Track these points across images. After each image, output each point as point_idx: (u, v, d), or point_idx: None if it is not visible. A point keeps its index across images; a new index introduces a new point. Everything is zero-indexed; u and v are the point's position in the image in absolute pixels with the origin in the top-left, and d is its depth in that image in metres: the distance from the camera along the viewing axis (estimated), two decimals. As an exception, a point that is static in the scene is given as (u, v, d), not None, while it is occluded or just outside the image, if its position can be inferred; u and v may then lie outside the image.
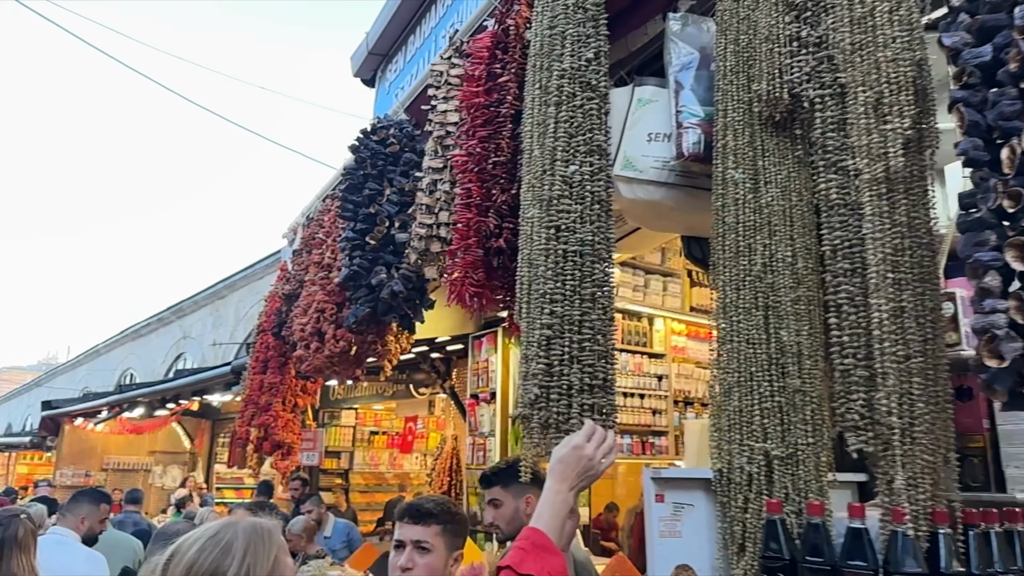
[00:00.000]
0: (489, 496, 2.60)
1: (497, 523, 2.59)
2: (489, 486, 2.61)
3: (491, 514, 2.60)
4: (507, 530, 2.60)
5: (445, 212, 2.76)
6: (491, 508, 2.61)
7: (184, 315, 20.27)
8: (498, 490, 2.59)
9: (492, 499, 2.60)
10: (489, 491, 2.60)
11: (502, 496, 2.59)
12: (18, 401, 36.66)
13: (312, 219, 4.52)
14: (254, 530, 1.31)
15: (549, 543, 1.53)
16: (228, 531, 1.29)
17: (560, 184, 2.05)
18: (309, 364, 3.53)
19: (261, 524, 1.33)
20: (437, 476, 9.64)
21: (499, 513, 2.59)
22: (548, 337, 1.95)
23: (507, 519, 2.58)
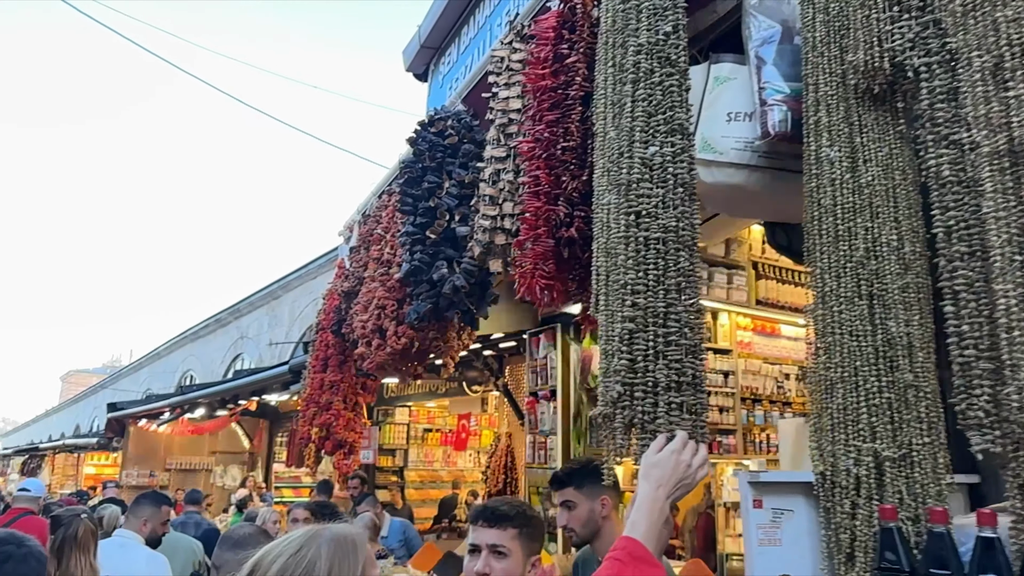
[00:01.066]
0: (561, 498, 2.48)
1: (571, 526, 2.47)
2: (561, 487, 2.49)
3: (564, 516, 2.48)
4: (582, 533, 2.48)
5: (510, 203, 2.65)
6: (564, 510, 2.49)
7: (241, 316, 20.69)
8: (571, 491, 2.47)
9: (565, 501, 2.48)
10: (561, 492, 2.48)
11: (576, 498, 2.47)
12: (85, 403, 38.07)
13: (369, 215, 4.46)
14: (338, 544, 1.21)
15: (647, 554, 1.41)
16: (311, 546, 1.19)
17: (639, 167, 1.92)
18: (371, 361, 3.47)
19: (345, 536, 1.24)
20: (492, 474, 9.55)
21: (573, 516, 2.47)
22: (630, 331, 1.82)
23: (582, 522, 2.47)
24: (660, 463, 1.55)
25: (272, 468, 14.67)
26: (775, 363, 6.08)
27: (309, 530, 1.25)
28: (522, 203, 2.63)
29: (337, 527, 1.26)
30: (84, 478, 20.00)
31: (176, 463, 15.42)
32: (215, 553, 2.67)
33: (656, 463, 1.56)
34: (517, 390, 8.43)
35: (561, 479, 2.50)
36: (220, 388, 11.79)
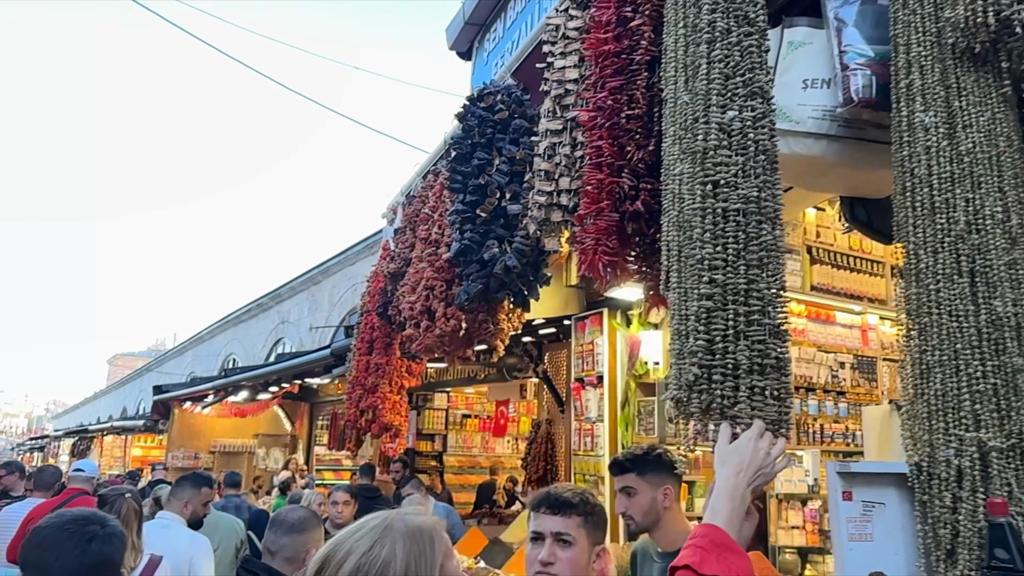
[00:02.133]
0: (622, 483, 2.38)
1: (630, 513, 2.37)
2: (622, 472, 2.38)
3: (623, 503, 2.38)
4: (641, 522, 2.39)
5: (566, 178, 2.53)
6: (623, 497, 2.38)
7: (282, 300, 20.93)
8: (632, 477, 2.37)
9: (626, 487, 2.37)
10: (622, 478, 2.38)
11: (637, 484, 2.36)
12: (131, 386, 39.06)
13: (414, 196, 4.38)
14: (414, 540, 1.12)
15: (731, 541, 1.31)
16: (385, 542, 1.10)
17: (716, 133, 1.78)
18: (419, 343, 3.39)
19: (421, 529, 1.14)
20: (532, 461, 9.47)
21: (633, 503, 2.36)
22: (708, 309, 1.69)
23: (642, 510, 2.37)
24: (737, 450, 1.48)
25: (313, 451, 14.83)
26: (830, 351, 5.85)
27: (381, 522, 1.15)
28: (580, 177, 2.51)
29: (411, 518, 1.17)
30: (131, 460, 20.50)
31: (220, 446, 15.67)
32: (268, 537, 2.62)
33: (734, 450, 1.49)
34: (556, 377, 8.33)
35: (623, 464, 2.39)
36: (263, 371, 11.92)
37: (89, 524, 1.61)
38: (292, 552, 2.63)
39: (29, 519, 4.27)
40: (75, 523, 1.60)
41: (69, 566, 1.51)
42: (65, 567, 1.51)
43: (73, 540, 1.55)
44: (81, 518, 1.64)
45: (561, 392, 8.09)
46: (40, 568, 1.52)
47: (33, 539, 1.57)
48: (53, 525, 1.59)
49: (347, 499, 4.81)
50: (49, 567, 1.51)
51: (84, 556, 1.53)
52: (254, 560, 2.68)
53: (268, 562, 2.64)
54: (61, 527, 1.58)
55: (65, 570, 1.51)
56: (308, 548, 2.71)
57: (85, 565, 1.53)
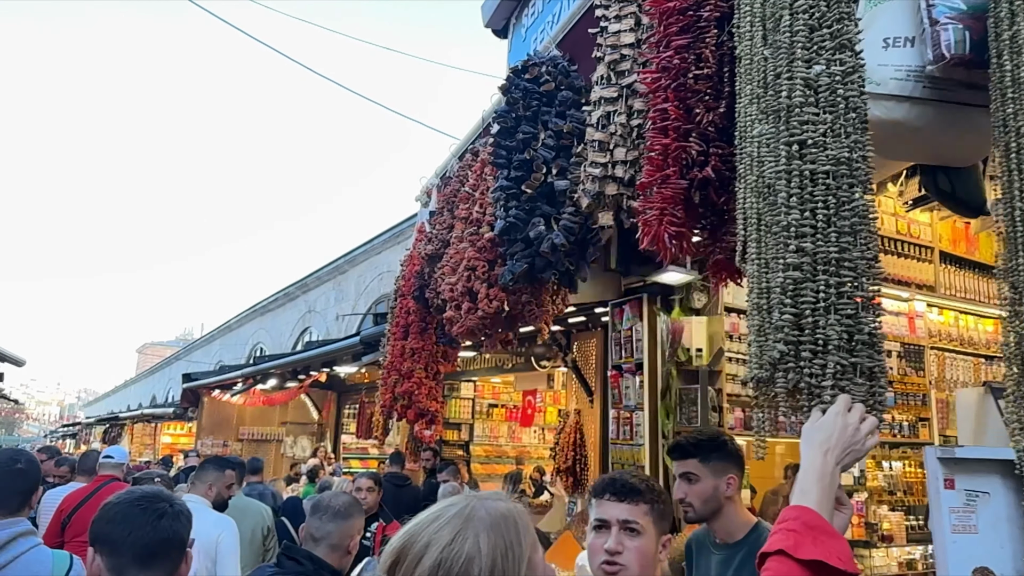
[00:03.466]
0: (683, 468, 2.25)
1: (689, 500, 2.24)
2: (685, 457, 2.25)
3: (683, 489, 2.25)
4: (701, 510, 2.26)
5: (622, 148, 2.39)
6: (683, 482, 2.25)
7: (308, 290, 21.00)
8: (695, 463, 2.24)
9: (687, 472, 2.24)
10: (684, 463, 2.25)
11: (699, 471, 2.24)
12: (160, 374, 39.59)
13: (450, 177, 4.26)
14: (498, 531, 0.99)
15: (825, 523, 1.20)
16: (467, 534, 0.98)
17: (802, 89, 1.63)
18: (461, 326, 3.27)
19: (505, 517, 1.02)
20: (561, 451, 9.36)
21: (694, 489, 2.23)
22: (795, 280, 1.55)
23: (703, 497, 2.24)
24: (823, 426, 1.36)
25: (340, 439, 14.86)
26: (876, 338, 5.65)
27: (460, 510, 1.03)
28: (636, 148, 2.37)
29: (493, 504, 1.04)
30: (161, 447, 20.75)
31: (248, 433, 15.77)
32: (311, 523, 2.52)
33: (820, 426, 1.37)
34: (586, 366, 8.19)
35: (686, 448, 2.26)
36: (292, 359, 11.92)
37: (159, 501, 1.64)
38: (337, 539, 2.54)
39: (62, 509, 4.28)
40: (145, 500, 1.63)
41: (141, 540, 1.54)
42: (137, 541, 1.54)
43: (145, 516, 1.58)
44: (152, 495, 1.67)
45: (590, 381, 7.95)
46: (112, 542, 1.55)
47: (104, 515, 1.60)
48: (124, 501, 1.62)
49: (371, 485, 4.76)
50: (121, 541, 1.54)
51: (155, 532, 1.56)
52: (296, 547, 2.58)
53: (311, 549, 2.55)
54: (132, 503, 1.61)
55: (137, 544, 1.54)
56: (352, 535, 2.62)
57: (156, 540, 1.56)
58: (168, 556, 1.60)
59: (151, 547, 1.56)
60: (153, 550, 1.56)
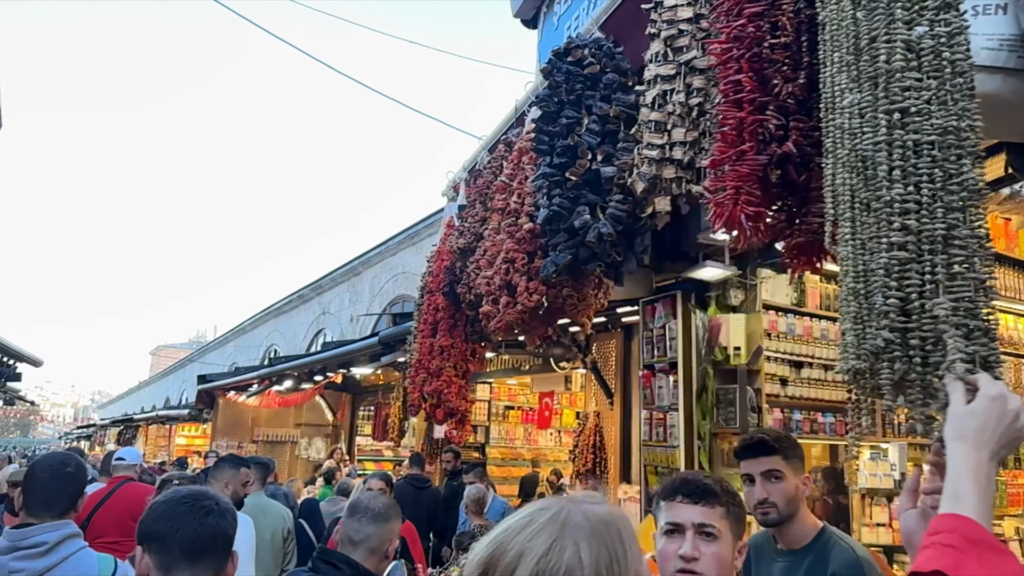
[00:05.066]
0: (767, 466, 2.10)
1: (773, 500, 2.09)
2: (769, 454, 2.11)
3: (765, 489, 2.09)
4: (784, 511, 2.11)
5: (680, 129, 2.25)
6: (765, 482, 2.10)
7: (323, 292, 20.94)
8: (779, 460, 2.09)
9: (771, 470, 2.09)
10: (765, 460, 2.10)
11: (784, 468, 2.09)
12: (174, 376, 39.69)
13: (481, 170, 4.13)
14: (601, 538, 0.86)
15: (989, 536, 1.02)
16: (565, 543, 0.84)
17: (902, 52, 1.48)
18: (499, 321, 3.13)
19: (607, 524, 0.88)
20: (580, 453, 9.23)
21: (778, 489, 2.08)
22: (900, 261, 1.40)
23: (787, 497, 2.10)
24: (975, 413, 1.15)
25: (355, 441, 14.78)
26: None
27: (555, 515, 0.89)
28: (695, 128, 2.23)
29: (591, 508, 0.90)
30: (175, 448, 20.73)
31: (263, 435, 15.71)
32: (350, 525, 2.40)
33: (971, 413, 1.15)
34: (605, 367, 8.05)
35: (769, 445, 2.11)
36: (309, 360, 11.83)
37: (204, 499, 1.67)
38: (377, 542, 2.41)
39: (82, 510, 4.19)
40: (191, 498, 1.66)
41: (188, 537, 1.57)
42: (184, 538, 1.57)
43: (191, 513, 1.61)
44: (197, 494, 1.71)
45: (610, 383, 7.81)
46: (160, 540, 1.58)
47: (152, 514, 1.63)
48: (171, 500, 1.65)
49: (382, 486, 4.68)
50: (169, 538, 1.57)
51: (202, 528, 1.59)
52: (332, 551, 2.45)
53: (348, 552, 2.42)
54: (178, 501, 1.64)
55: (184, 540, 1.57)
56: (391, 538, 2.49)
57: (203, 536, 1.59)
58: (215, 552, 1.62)
59: (198, 543, 1.59)
60: (200, 546, 1.59)
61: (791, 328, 4.87)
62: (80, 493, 2.36)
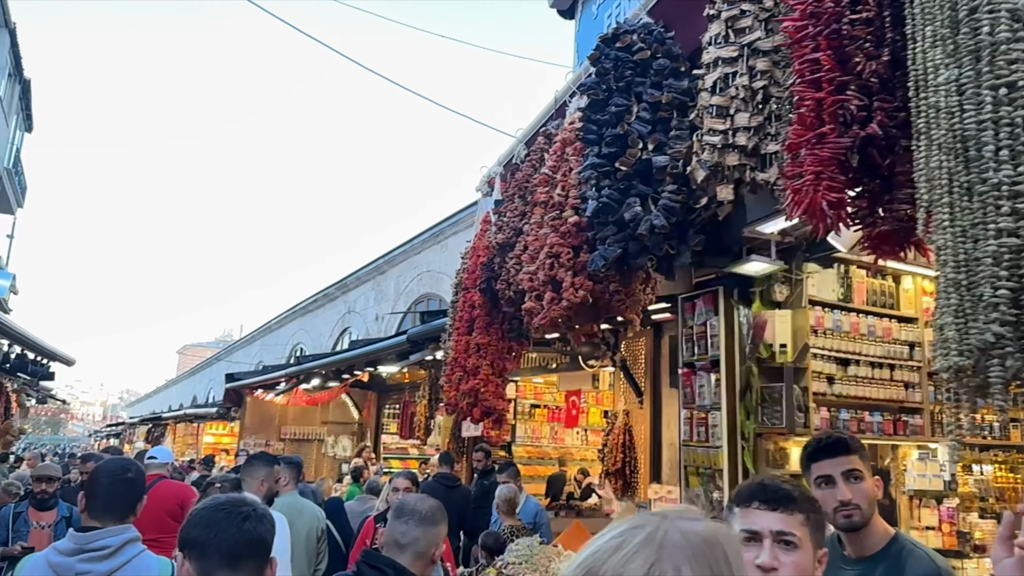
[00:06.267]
0: (848, 466, 1.97)
1: (856, 501, 1.96)
2: (848, 453, 1.98)
3: (847, 491, 1.96)
4: (867, 513, 1.97)
5: (744, 113, 2.13)
6: (846, 482, 1.97)
7: (348, 291, 21.00)
8: (858, 460, 1.97)
9: (852, 470, 1.97)
10: (847, 459, 1.98)
11: (863, 469, 1.97)
12: (201, 375, 40.10)
13: (519, 163, 4.03)
14: (704, 560, 0.76)
15: None
16: (665, 564, 0.74)
17: (1008, 23, 1.37)
18: (543, 317, 3.04)
19: (710, 543, 0.78)
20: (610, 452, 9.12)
21: (860, 490, 1.96)
22: (1012, 249, 1.29)
23: (869, 499, 1.96)
24: None
25: (380, 439, 14.79)
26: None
27: (650, 535, 0.78)
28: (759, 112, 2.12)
29: (689, 526, 0.80)
30: (203, 447, 20.90)
31: (290, 433, 15.76)
32: (396, 528, 2.31)
33: None
34: (635, 365, 7.93)
35: (848, 444, 1.99)
36: (337, 358, 11.83)
37: (242, 506, 1.69)
38: (424, 546, 2.32)
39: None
40: (229, 504, 1.69)
41: (227, 543, 1.60)
42: (223, 543, 1.60)
43: (229, 519, 1.64)
44: (235, 500, 1.73)
45: (640, 381, 7.69)
46: (200, 545, 1.61)
47: (191, 521, 1.66)
48: (209, 507, 1.68)
49: (408, 486, 4.63)
50: (208, 544, 1.60)
51: (239, 533, 1.62)
52: (377, 554, 2.37)
53: (394, 556, 2.34)
54: (217, 508, 1.67)
55: (223, 546, 1.60)
56: (438, 542, 2.41)
57: (241, 542, 1.62)
58: (253, 557, 1.65)
59: (236, 548, 1.61)
60: (239, 551, 1.62)
61: (838, 324, 4.72)
62: (140, 497, 2.43)
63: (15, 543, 4.84)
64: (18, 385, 15.49)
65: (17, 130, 18.86)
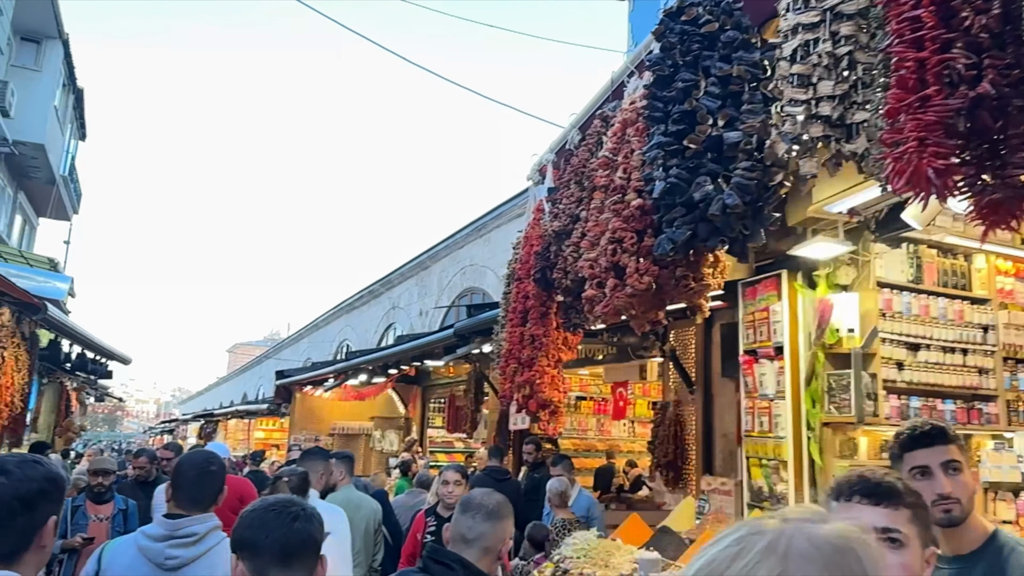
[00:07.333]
0: (947, 456, 1.85)
1: (956, 495, 1.84)
2: (947, 442, 1.87)
3: (946, 483, 1.84)
4: (967, 507, 1.86)
5: (828, 82, 2.01)
6: (947, 474, 1.85)
7: (392, 287, 21.16)
8: (957, 450, 1.86)
9: (951, 461, 1.85)
10: (945, 449, 1.86)
11: (962, 459, 1.85)
12: (251, 373, 40.95)
13: (573, 148, 3.94)
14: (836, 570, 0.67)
15: None
16: None
17: None
18: (605, 305, 2.94)
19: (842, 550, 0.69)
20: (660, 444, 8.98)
21: (960, 482, 1.84)
22: None
23: (969, 491, 1.85)
24: None
25: (426, 433, 14.88)
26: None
27: (771, 541, 0.69)
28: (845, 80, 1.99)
29: (815, 531, 0.70)
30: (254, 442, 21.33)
31: (339, 428, 15.97)
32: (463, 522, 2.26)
33: None
34: (684, 355, 7.78)
35: (946, 433, 1.88)
36: (384, 353, 11.91)
37: (291, 506, 1.73)
38: (492, 541, 2.27)
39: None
40: (279, 505, 1.73)
41: (278, 542, 1.65)
42: (274, 543, 1.65)
43: (280, 520, 1.68)
44: (284, 501, 1.77)
45: (690, 371, 7.54)
46: (252, 546, 1.66)
47: (243, 522, 1.71)
48: (259, 509, 1.73)
49: (458, 479, 4.61)
50: (260, 544, 1.65)
51: (290, 533, 1.67)
52: (443, 550, 2.32)
53: (460, 551, 2.28)
54: (267, 509, 1.72)
55: (274, 546, 1.65)
56: (505, 538, 2.35)
57: (292, 542, 1.67)
58: (305, 556, 1.69)
59: (288, 548, 1.66)
60: (290, 551, 1.66)
61: (907, 307, 4.52)
62: (221, 489, 2.55)
63: (74, 535, 4.96)
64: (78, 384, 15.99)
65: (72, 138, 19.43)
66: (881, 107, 1.77)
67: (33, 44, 16.08)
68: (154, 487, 5.68)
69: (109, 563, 2.34)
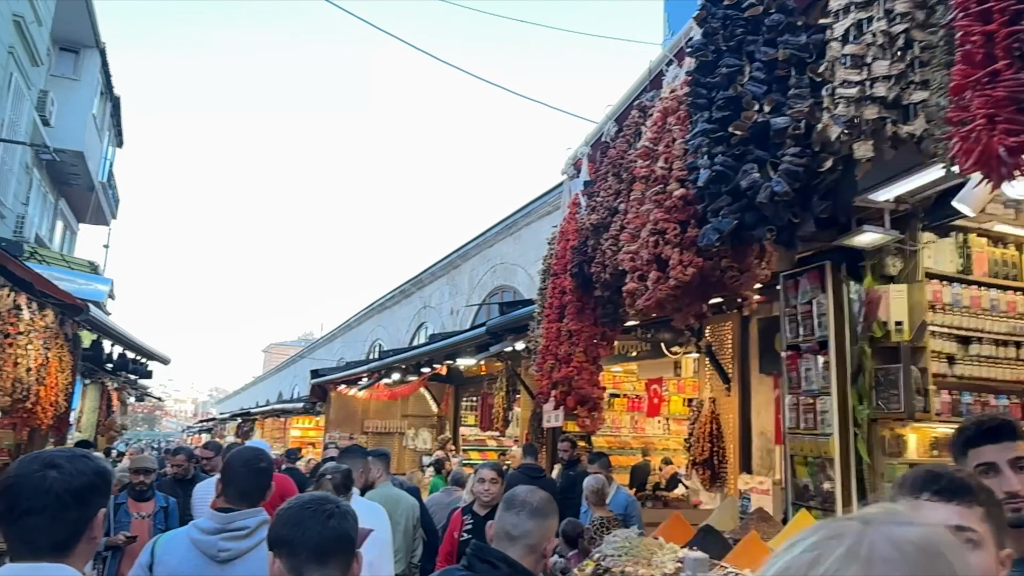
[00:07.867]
0: (1014, 453, 1.74)
1: None
2: (1016, 438, 1.76)
3: (1016, 481, 1.74)
4: None
5: (883, 62, 1.93)
6: (1016, 471, 1.75)
7: (423, 286, 21.25)
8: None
9: (1020, 458, 1.74)
10: (1013, 445, 1.74)
11: None
12: (286, 372, 41.49)
13: (611, 140, 3.87)
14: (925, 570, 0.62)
15: None
16: None
17: None
18: (648, 298, 2.88)
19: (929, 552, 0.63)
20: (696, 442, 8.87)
21: None
22: None
23: None
24: None
25: (459, 431, 14.91)
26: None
27: (851, 544, 0.63)
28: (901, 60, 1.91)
29: (899, 533, 0.64)
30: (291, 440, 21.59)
31: (373, 426, 16.08)
32: (507, 519, 2.22)
33: None
34: (721, 351, 7.65)
35: (1015, 428, 1.78)
36: (417, 352, 11.94)
37: (326, 504, 1.76)
38: (537, 539, 2.22)
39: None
40: (314, 502, 1.76)
41: (314, 540, 1.67)
42: (310, 540, 1.67)
43: (315, 517, 1.70)
44: (319, 499, 1.80)
45: (727, 368, 7.40)
46: (289, 543, 1.69)
47: (279, 520, 1.74)
48: (295, 506, 1.76)
49: (494, 476, 4.58)
50: (296, 541, 1.68)
51: (325, 531, 1.68)
52: (488, 547, 2.28)
53: (504, 548, 2.24)
54: (302, 507, 1.74)
55: (310, 543, 1.67)
56: (549, 536, 2.30)
57: (328, 539, 1.68)
58: (340, 553, 1.71)
59: (323, 545, 1.68)
60: (326, 548, 1.68)
61: (957, 299, 4.37)
62: (269, 485, 2.61)
63: (118, 533, 5.03)
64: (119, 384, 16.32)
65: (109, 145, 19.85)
66: (943, 85, 1.69)
67: (71, 54, 16.44)
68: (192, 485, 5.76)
69: (163, 555, 2.39)
